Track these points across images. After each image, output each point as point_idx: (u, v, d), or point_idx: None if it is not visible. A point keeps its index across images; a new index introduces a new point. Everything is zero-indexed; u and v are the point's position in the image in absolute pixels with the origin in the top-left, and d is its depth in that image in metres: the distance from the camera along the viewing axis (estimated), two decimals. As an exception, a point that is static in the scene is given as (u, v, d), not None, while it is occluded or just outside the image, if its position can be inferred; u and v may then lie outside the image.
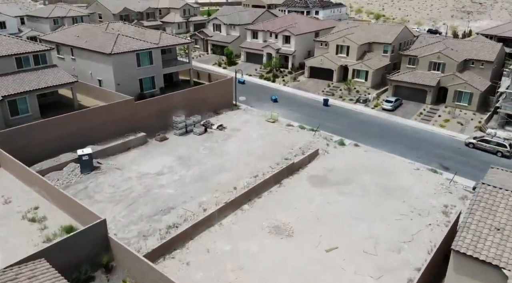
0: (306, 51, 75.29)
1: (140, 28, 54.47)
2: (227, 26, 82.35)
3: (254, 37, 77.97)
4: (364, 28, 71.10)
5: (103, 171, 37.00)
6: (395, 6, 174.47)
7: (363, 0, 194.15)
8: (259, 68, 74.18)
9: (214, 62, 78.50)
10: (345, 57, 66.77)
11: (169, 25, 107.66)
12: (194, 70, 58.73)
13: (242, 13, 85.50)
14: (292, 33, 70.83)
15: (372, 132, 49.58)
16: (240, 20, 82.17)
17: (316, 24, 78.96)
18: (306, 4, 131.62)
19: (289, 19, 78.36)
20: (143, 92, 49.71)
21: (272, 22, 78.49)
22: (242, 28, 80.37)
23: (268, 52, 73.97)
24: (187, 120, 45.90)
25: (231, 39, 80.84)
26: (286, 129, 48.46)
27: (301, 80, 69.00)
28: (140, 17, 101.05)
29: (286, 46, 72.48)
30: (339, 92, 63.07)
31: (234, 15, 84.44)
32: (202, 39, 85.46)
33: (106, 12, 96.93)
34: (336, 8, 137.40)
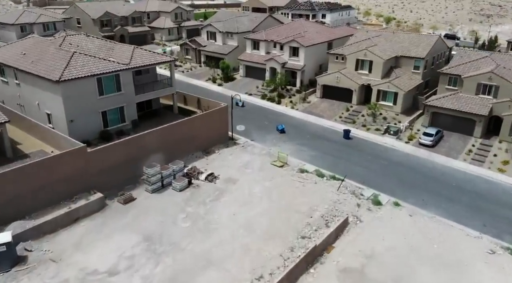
0: (318, 66, 62.97)
1: (108, 43, 42.01)
2: (223, 35, 70.04)
3: (255, 48, 65.65)
4: (389, 39, 58.75)
5: (30, 265, 24.61)
6: (406, 8, 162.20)
7: (371, 2, 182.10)
8: (261, 86, 61.80)
9: (207, 78, 66.12)
10: (367, 75, 54.43)
11: (158, 31, 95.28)
12: (179, 94, 46.40)
13: (241, 19, 73.17)
14: (301, 44, 58.48)
15: (412, 181, 37.22)
16: (238, 28, 69.83)
17: (329, 32, 66.60)
18: (311, 7, 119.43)
19: (296, 26, 66.04)
20: (108, 128, 37.37)
21: (277, 30, 66.14)
22: (241, 37, 68.06)
23: (272, 67, 61.62)
24: (164, 171, 33.53)
25: (228, 50, 68.49)
26: (299, 179, 36.09)
27: (313, 101, 56.64)
28: (124, 22, 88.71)
29: (294, 59, 60.12)
30: (361, 119, 50.69)
31: (231, 21, 72.11)
32: (194, 49, 73.11)
33: (85, 17, 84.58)
34: (345, 11, 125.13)
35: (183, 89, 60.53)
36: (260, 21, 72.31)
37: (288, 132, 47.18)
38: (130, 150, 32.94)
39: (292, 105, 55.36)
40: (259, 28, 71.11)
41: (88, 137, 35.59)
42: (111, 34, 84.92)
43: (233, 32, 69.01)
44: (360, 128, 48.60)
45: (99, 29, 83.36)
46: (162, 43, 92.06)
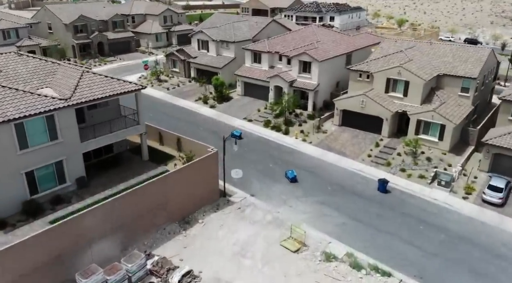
0: (334, 83, 50.61)
1: (50, 64, 29.55)
2: (218, 44, 57.63)
3: (256, 60, 53.28)
4: (425, 51, 46.39)
5: None
6: (418, 9, 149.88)
7: (379, 2, 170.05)
8: (263, 108, 49.47)
9: (197, 97, 53.67)
10: (401, 98, 42.11)
11: (144, 36, 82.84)
12: (153, 130, 34.07)
13: (238, 24, 60.74)
14: (314, 58, 46.06)
15: (493, 274, 24.84)
16: (235, 35, 57.41)
17: (347, 42, 54.08)
18: (318, 9, 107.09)
19: (307, 34, 53.57)
20: (37, 195, 25.05)
21: (283, 38, 53.70)
22: (239, 46, 55.70)
23: (277, 86, 49.25)
24: (112, 276, 21.13)
25: (223, 63, 56.10)
26: (326, 273, 23.71)
27: (329, 130, 44.29)
28: (104, 27, 76.29)
29: (305, 76, 47.71)
30: (397, 160, 38.25)
31: (227, 27, 59.68)
32: (182, 60, 60.70)
33: (57, 21, 72.13)
34: (355, 13, 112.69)
35: (166, 112, 48.82)
36: (261, 28, 59.87)
37: (302, 180, 34.81)
38: (58, 243, 20.57)
39: (304, 137, 42.98)
40: (260, 36, 58.76)
41: (3, 214, 23.26)
42: (87, 42, 72.51)
43: (229, 41, 56.57)
44: (397, 174, 36.14)
45: (72, 36, 70.94)
46: (148, 51, 79.66)
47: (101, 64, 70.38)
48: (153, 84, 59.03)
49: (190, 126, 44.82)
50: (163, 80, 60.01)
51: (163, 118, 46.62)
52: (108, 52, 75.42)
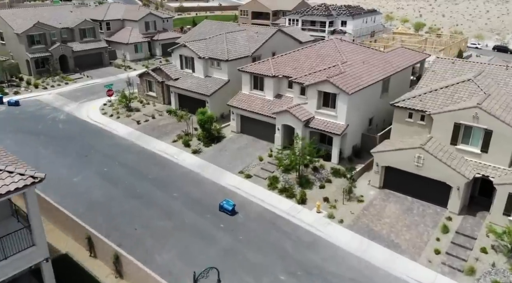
0: (367, 120, 36.23)
1: None
2: (206, 62, 43.33)
3: (257, 86, 38.96)
4: (501, 79, 32.03)
5: None
6: (436, 12, 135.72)
7: (390, 4, 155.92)
8: (266, 155, 35.10)
9: (177, 135, 39.26)
10: (477, 155, 27.76)
11: (121, 47, 68.47)
12: (80, 231, 19.77)
13: (234, 35, 46.33)
14: (341, 89, 31.52)
15: None
16: (230, 51, 43.06)
17: (382, 61, 39.32)
18: (328, 12, 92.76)
19: (327, 50, 38.92)
20: None
21: (294, 56, 39.26)
22: (234, 66, 41.45)
23: (286, 125, 34.88)
24: None
25: (213, 88, 41.77)
26: None
27: (367, 197, 29.93)
28: (69, 36, 61.96)
29: (327, 113, 33.27)
30: (483, 261, 23.87)
31: (219, 40, 45.28)
32: (160, 83, 46.32)
33: (8, 30, 57.73)
34: (369, 17, 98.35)
35: (128, 164, 32.76)
36: (264, 40, 45.49)
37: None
38: None
39: (330, 209, 28.65)
40: (263, 52, 44.55)
41: None
42: (45, 55, 58.07)
43: (220, 59, 42.16)
44: (490, 294, 21.82)
45: (26, 48, 56.51)
46: (125, 65, 65.20)
47: (61, 84, 55.97)
48: (121, 114, 44.61)
49: (158, 192, 30.42)
50: (134, 109, 45.62)
51: (121, 176, 32.30)
52: (73, 67, 61.04)
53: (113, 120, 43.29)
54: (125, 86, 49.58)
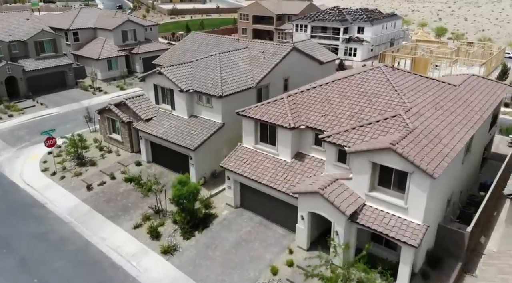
0: (443, 205, 22.50)
1: None
2: (190, 97, 29.73)
3: (267, 139, 25.43)
4: None
5: None
6: (456, 15, 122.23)
7: (404, 6, 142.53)
8: (285, 264, 21.49)
9: (141, 215, 25.61)
10: None
11: (91, 62, 54.79)
12: None
13: (231, 57, 32.58)
14: (417, 166, 17.94)
15: None
16: (225, 81, 29.48)
17: (458, 102, 25.33)
18: (342, 17, 79.18)
19: (375, 85, 25.04)
20: None
21: (320, 93, 25.51)
22: (231, 103, 27.96)
23: (315, 213, 21.24)
24: None
25: (199, 138, 28.16)
26: None
27: None
28: (22, 51, 48.42)
29: (390, 200, 19.69)
30: None
31: (210, 63, 31.65)
32: (125, 124, 32.60)
33: None
34: (389, 22, 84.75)
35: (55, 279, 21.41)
36: (274, 64, 31.89)
37: None
38: None
39: None
40: (272, 79, 31.02)
41: None
42: (-15, 77, 44.57)
43: (211, 94, 28.51)
44: None
45: (-43, 69, 43.01)
46: (95, 86, 51.54)
47: (2, 117, 42.31)
48: (67, 171, 30.91)
49: None
50: (88, 162, 32.00)
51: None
52: (25, 92, 47.49)
53: (54, 182, 29.64)
54: (84, 123, 36.08)
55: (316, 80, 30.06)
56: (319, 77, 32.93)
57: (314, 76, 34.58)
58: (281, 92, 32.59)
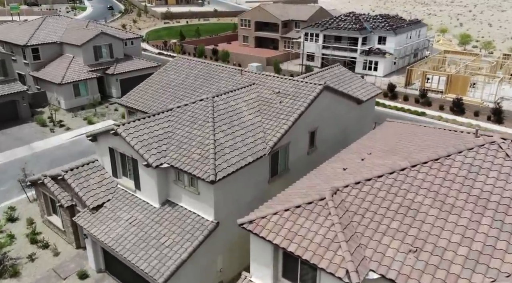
0: None
1: None
2: (163, 175, 18.27)
3: (296, 278, 13.84)
4: None
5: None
6: (479, 20, 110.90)
7: (419, 9, 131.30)
8: None
9: None
10: None
11: (52, 88, 43.13)
12: None
13: (230, 101, 21.25)
14: None
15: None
16: (221, 150, 18.21)
17: None
18: (359, 25, 67.81)
19: (491, 180, 13.88)
20: None
21: (385, 194, 14.14)
22: (228, 189, 16.54)
23: None
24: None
25: (177, 258, 16.64)
26: None
27: None
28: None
29: None
30: None
31: (198, 116, 20.25)
32: (65, 208, 21.06)
33: None
34: (414, 31, 73.31)
35: None
36: (298, 113, 20.45)
37: None
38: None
39: None
40: (292, 136, 19.64)
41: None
42: None
43: (197, 176, 16.99)
44: None
45: None
46: (55, 120, 39.98)
47: None
48: (-28, 290, 19.47)
49: None
50: (5, 271, 20.41)
51: None
52: (-43, 131, 36.03)
53: None
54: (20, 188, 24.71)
55: (354, 127, 18.95)
56: (356, 122, 21.94)
57: (351, 122, 23.60)
58: (305, 150, 21.35)
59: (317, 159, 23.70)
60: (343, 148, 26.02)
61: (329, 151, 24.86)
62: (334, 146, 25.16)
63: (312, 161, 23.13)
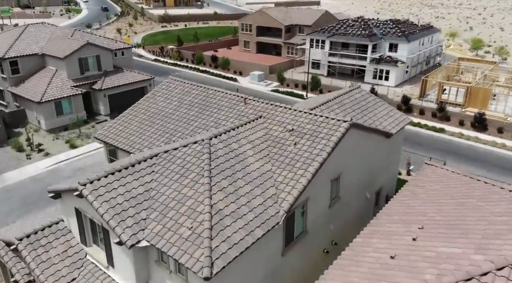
0: None
1: None
2: (140, 254, 13.74)
3: None
4: None
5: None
6: (490, 23, 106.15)
7: (426, 12, 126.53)
8: None
9: None
10: None
11: (32, 106, 38.54)
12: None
13: (238, 145, 16.70)
14: None
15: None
16: (217, 217, 13.77)
17: None
18: (369, 31, 63.20)
19: None
20: None
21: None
22: (232, 278, 12.05)
23: None
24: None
25: None
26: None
27: None
28: None
29: None
30: None
31: (192, 162, 15.84)
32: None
33: None
34: (427, 37, 68.70)
35: None
36: (319, 161, 15.82)
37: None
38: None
39: None
40: (313, 190, 15.15)
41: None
42: None
43: (187, 265, 12.39)
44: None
45: None
46: (33, 144, 35.31)
47: None
48: None
49: None
50: None
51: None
52: None
53: None
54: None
55: (381, 165, 14.76)
56: (384, 160, 17.60)
57: (378, 160, 19.32)
58: (326, 204, 16.92)
59: (340, 212, 19.11)
60: (369, 191, 21.47)
61: (354, 200, 20.27)
62: (360, 191, 20.59)
63: (334, 215, 18.55)
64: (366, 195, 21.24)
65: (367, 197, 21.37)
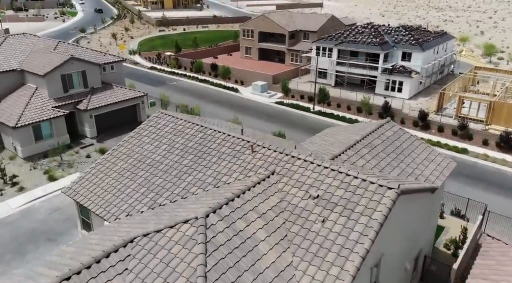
0: None
1: None
2: None
3: None
4: None
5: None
6: (501, 27, 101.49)
7: (433, 15, 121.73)
8: None
9: None
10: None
11: (8, 130, 34.05)
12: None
13: (249, 229, 12.22)
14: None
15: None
16: None
17: None
18: (381, 40, 58.54)
19: None
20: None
21: None
22: None
23: None
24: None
25: None
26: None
27: None
28: None
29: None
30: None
31: (187, 269, 11.11)
32: None
33: None
34: (441, 45, 64.06)
35: None
36: (362, 254, 11.47)
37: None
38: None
39: None
40: None
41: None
42: None
43: None
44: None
45: None
46: (6, 176, 30.73)
47: None
48: None
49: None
50: None
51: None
52: None
53: None
54: None
55: (423, 226, 10.26)
56: (427, 220, 13.13)
57: (421, 223, 14.74)
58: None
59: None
60: (409, 260, 16.95)
61: (391, 277, 15.72)
62: (399, 265, 16.08)
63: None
64: (405, 266, 16.72)
65: (406, 268, 16.85)
